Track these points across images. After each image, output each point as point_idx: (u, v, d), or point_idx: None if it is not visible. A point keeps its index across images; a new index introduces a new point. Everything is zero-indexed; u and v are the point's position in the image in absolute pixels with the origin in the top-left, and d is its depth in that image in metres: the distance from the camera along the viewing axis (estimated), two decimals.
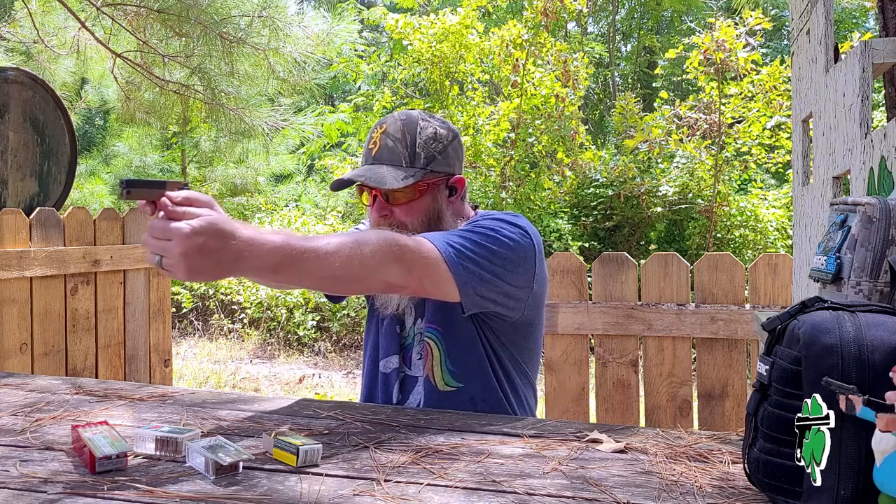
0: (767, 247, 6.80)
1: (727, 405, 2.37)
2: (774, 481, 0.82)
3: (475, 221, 1.41)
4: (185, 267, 0.99)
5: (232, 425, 1.19)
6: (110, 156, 9.35)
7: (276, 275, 1.09)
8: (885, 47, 1.46)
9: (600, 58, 13.95)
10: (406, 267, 1.22)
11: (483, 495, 0.88)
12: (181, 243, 0.98)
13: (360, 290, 1.34)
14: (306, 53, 4.48)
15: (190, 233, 0.98)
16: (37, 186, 3.39)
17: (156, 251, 1.00)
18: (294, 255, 1.09)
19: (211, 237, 1.00)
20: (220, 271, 1.03)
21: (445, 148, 1.44)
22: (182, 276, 1.00)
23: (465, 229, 1.36)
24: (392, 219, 1.42)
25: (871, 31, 11.58)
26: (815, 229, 1.76)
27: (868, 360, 0.76)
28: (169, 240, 0.99)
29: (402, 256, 1.22)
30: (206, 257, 1.00)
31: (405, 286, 1.26)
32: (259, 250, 1.05)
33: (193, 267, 0.99)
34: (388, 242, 1.20)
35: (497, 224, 1.37)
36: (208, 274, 1.02)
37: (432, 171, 1.42)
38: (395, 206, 1.41)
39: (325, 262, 1.12)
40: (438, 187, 1.44)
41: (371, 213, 1.45)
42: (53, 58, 4.78)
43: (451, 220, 1.47)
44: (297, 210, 9.16)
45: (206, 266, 1.00)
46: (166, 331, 3.47)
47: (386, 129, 1.43)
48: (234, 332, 7.09)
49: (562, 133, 7.68)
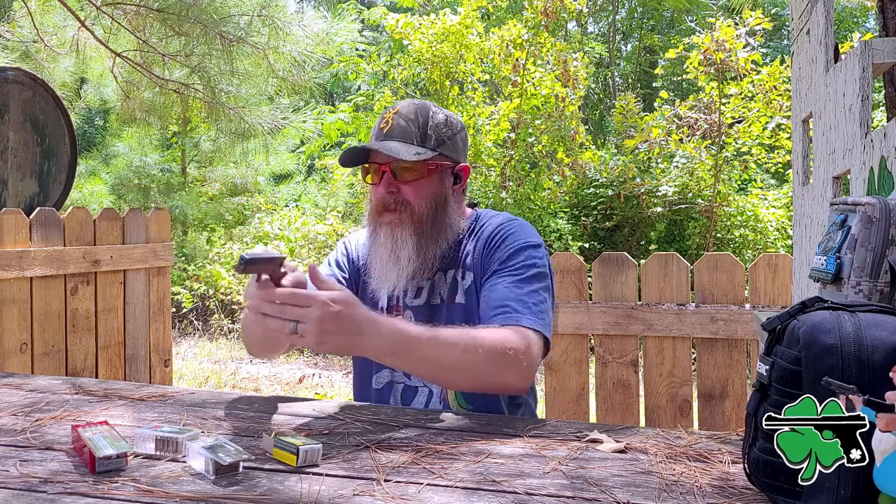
0: (767, 247, 6.79)
1: (727, 405, 2.37)
2: (774, 481, 0.82)
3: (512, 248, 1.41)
4: (318, 331, 1.07)
5: (232, 425, 1.19)
6: (110, 156, 9.34)
7: (393, 357, 1.16)
8: (885, 47, 1.47)
9: (600, 58, 13.94)
10: (521, 371, 1.26)
11: (483, 495, 0.88)
12: (320, 309, 1.06)
13: (474, 388, 1.32)
14: (306, 53, 4.48)
15: (329, 300, 1.07)
16: (37, 186, 3.39)
17: (292, 317, 1.08)
18: (411, 340, 1.15)
19: (345, 307, 1.09)
20: (346, 343, 1.10)
21: (455, 135, 1.48)
22: (311, 342, 1.08)
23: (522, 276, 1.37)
24: (398, 196, 1.42)
25: (871, 31, 11.58)
26: (815, 229, 1.76)
27: (868, 360, 0.76)
28: (309, 306, 1.07)
29: (516, 360, 1.24)
30: (337, 325, 1.08)
31: (522, 389, 1.29)
32: (379, 329, 1.12)
33: (326, 332, 1.08)
34: (503, 345, 1.23)
35: (532, 255, 1.41)
36: (335, 342, 1.10)
37: (441, 153, 1.44)
38: (402, 183, 1.42)
39: (441, 354, 1.17)
40: (445, 171, 1.47)
41: (375, 193, 1.45)
42: (53, 57, 4.77)
43: (454, 210, 1.48)
44: (297, 210, 9.16)
45: (335, 334, 1.09)
46: (166, 331, 3.47)
47: (398, 110, 1.45)
48: (234, 332, 7.09)
49: (562, 133, 7.68)
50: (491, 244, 1.45)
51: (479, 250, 1.47)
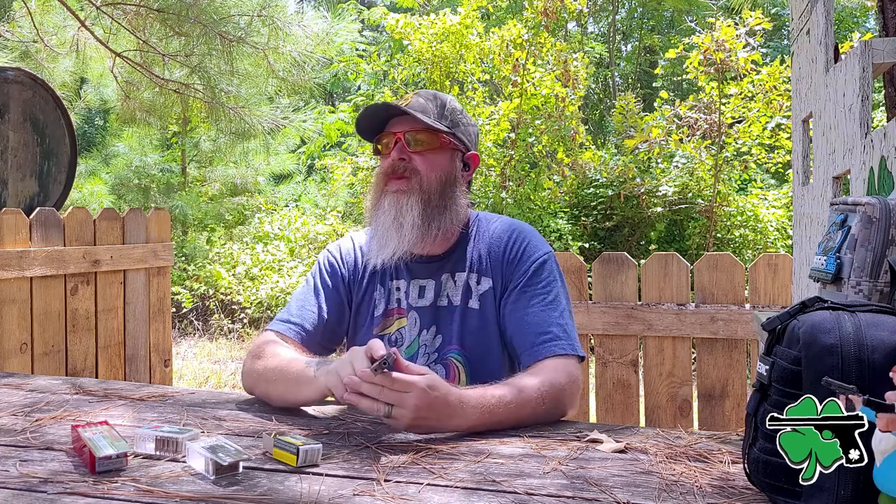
0: (767, 247, 6.79)
1: (727, 405, 2.37)
2: (774, 481, 0.82)
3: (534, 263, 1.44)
4: (413, 416, 1.09)
5: (232, 425, 1.19)
6: (110, 156, 9.34)
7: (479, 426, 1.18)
8: (885, 47, 1.46)
9: (600, 58, 13.94)
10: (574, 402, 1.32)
11: (483, 495, 0.88)
12: (418, 396, 1.08)
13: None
14: (306, 53, 4.48)
15: (427, 387, 1.09)
16: (37, 186, 3.39)
17: (389, 401, 1.09)
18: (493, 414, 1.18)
19: (440, 393, 1.11)
20: (436, 426, 1.13)
21: (469, 125, 1.52)
22: (405, 426, 1.10)
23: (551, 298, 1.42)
24: (408, 164, 1.43)
25: (871, 31, 11.58)
26: (815, 229, 1.76)
27: (868, 360, 0.76)
28: (408, 392, 1.08)
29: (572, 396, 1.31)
30: (430, 411, 1.10)
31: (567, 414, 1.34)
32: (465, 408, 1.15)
33: (420, 417, 1.09)
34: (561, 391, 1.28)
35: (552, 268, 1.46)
36: (426, 425, 1.12)
37: (455, 135, 1.47)
38: (414, 152, 1.44)
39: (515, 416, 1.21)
40: (456, 152, 1.49)
41: (385, 162, 1.46)
42: (52, 57, 4.77)
43: (461, 193, 1.49)
44: (297, 210, 9.16)
45: (427, 419, 1.11)
46: (166, 331, 3.47)
47: (418, 92, 1.50)
48: (234, 332, 7.09)
49: (562, 133, 7.68)
50: (508, 256, 1.47)
51: (494, 258, 1.47)
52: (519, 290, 1.43)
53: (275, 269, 7.62)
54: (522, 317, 1.40)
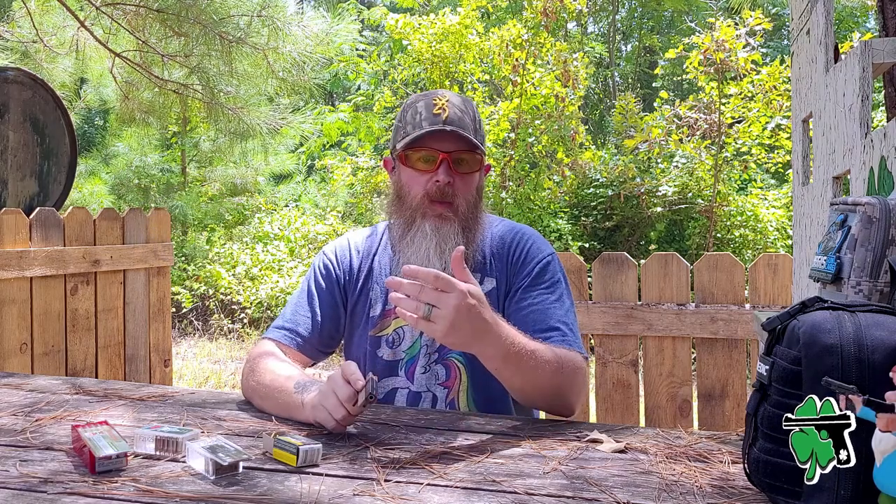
0: (767, 247, 6.79)
1: (727, 405, 2.37)
2: (774, 481, 0.82)
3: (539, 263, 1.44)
4: (451, 320, 1.06)
5: (232, 425, 1.19)
6: (110, 156, 9.34)
7: (502, 362, 1.17)
8: (885, 47, 1.46)
9: (600, 58, 13.95)
10: (582, 397, 1.32)
11: (483, 495, 0.88)
12: (458, 298, 1.06)
13: (544, 406, 1.35)
14: (305, 53, 4.47)
15: (468, 292, 1.07)
16: (37, 186, 3.39)
17: (429, 300, 1.06)
18: (521, 352, 1.17)
19: (479, 303, 1.09)
20: (469, 339, 1.11)
21: (484, 133, 1.49)
22: (442, 330, 1.07)
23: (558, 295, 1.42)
24: (450, 188, 1.40)
25: (871, 31, 11.58)
26: (815, 229, 1.76)
27: (868, 360, 0.76)
28: (450, 292, 1.06)
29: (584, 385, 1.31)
30: (468, 319, 1.07)
31: (573, 412, 1.33)
32: (499, 333, 1.13)
33: (457, 322, 1.06)
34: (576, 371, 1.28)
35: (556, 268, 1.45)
36: (461, 336, 1.09)
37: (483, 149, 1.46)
38: (457, 174, 1.41)
39: (538, 370, 1.20)
40: (483, 165, 1.48)
41: (423, 178, 1.40)
42: (52, 57, 4.77)
43: (483, 207, 1.49)
44: (296, 210, 9.16)
45: (465, 326, 1.07)
46: (166, 331, 3.47)
47: (449, 98, 1.43)
48: (234, 332, 7.08)
49: (562, 133, 7.68)
50: (513, 257, 1.46)
51: (498, 259, 1.47)
52: (524, 289, 1.43)
53: (275, 269, 7.62)
54: (528, 314, 1.39)
